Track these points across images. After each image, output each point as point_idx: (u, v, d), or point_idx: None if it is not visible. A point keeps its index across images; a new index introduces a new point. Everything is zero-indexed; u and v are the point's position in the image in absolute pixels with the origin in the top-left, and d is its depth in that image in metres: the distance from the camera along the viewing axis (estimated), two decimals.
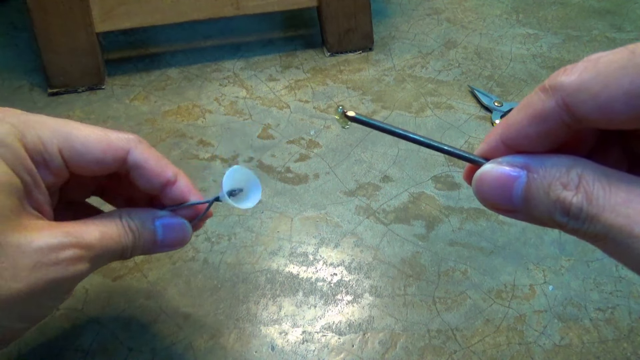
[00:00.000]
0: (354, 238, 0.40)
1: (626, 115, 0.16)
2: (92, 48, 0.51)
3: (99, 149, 0.25)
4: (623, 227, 0.16)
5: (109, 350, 0.33)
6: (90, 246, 0.24)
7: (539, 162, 0.18)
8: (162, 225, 0.28)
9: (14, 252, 0.22)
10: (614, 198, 0.17)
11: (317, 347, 0.33)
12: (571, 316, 0.35)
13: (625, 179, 0.17)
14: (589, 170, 0.17)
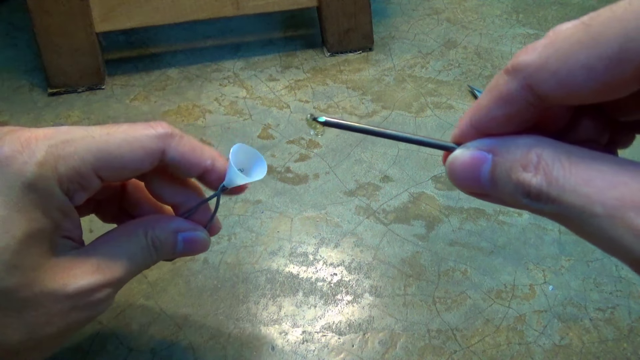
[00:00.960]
0: (354, 238, 0.40)
1: (587, 89, 0.16)
2: (92, 48, 0.51)
3: (136, 159, 0.25)
4: (584, 206, 0.16)
5: (109, 350, 0.33)
6: (120, 280, 0.25)
7: (504, 144, 0.18)
8: (184, 239, 0.28)
9: (47, 301, 0.23)
10: (574, 178, 0.16)
11: (317, 347, 0.33)
12: (571, 316, 0.35)
13: (587, 157, 0.16)
14: (549, 150, 0.17)
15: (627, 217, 0.15)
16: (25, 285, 0.22)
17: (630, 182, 0.15)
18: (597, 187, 0.16)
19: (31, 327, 0.23)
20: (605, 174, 0.16)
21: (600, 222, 0.15)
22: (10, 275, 0.22)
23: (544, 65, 0.16)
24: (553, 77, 0.16)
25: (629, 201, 0.15)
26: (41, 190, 0.22)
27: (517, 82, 0.17)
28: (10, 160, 0.22)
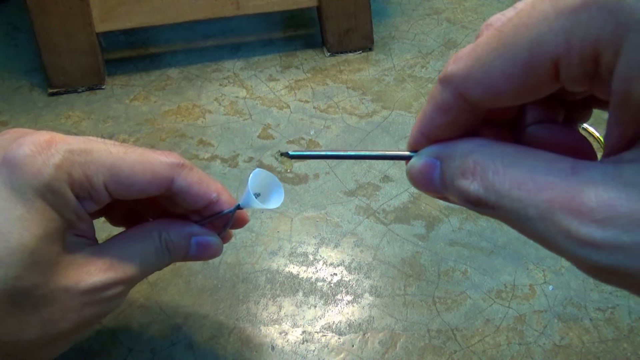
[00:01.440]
0: (354, 238, 0.40)
1: (512, 94, 0.16)
2: (92, 48, 0.52)
3: (145, 181, 0.25)
4: (519, 210, 0.16)
5: (109, 351, 0.33)
6: (132, 279, 0.26)
7: (446, 150, 0.19)
8: (197, 243, 0.28)
9: (62, 297, 0.23)
10: (508, 182, 0.16)
11: (317, 347, 0.33)
12: (571, 316, 0.35)
13: (521, 158, 0.16)
14: (485, 154, 0.17)
15: (557, 219, 0.15)
16: (42, 283, 0.23)
17: (559, 183, 0.15)
18: (528, 189, 0.16)
19: (47, 323, 0.23)
20: (536, 175, 0.16)
21: (535, 225, 0.16)
22: (29, 274, 0.22)
23: (469, 75, 0.17)
24: (478, 85, 0.17)
25: (557, 203, 0.15)
26: (56, 191, 0.23)
27: (450, 92, 0.17)
28: (30, 160, 0.22)
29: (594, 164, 0.15)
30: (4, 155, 0.23)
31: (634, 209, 0.13)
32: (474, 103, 0.17)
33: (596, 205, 0.14)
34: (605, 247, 0.14)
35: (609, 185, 0.14)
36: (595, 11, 0.13)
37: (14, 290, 0.22)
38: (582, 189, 0.14)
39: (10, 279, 0.22)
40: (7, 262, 0.21)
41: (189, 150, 0.47)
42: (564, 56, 0.14)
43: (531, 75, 0.15)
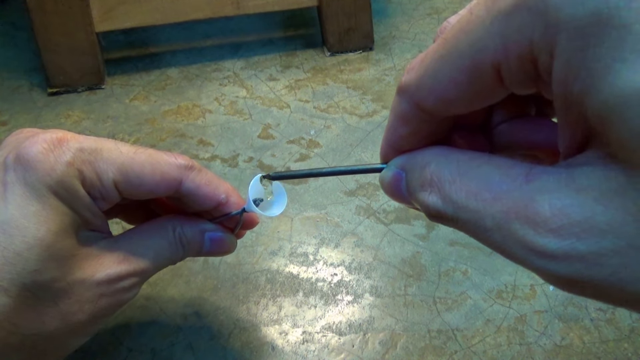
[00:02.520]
0: (354, 238, 0.40)
1: (464, 101, 0.16)
2: (91, 48, 0.51)
3: (153, 182, 0.26)
4: (476, 222, 0.15)
5: (109, 351, 0.33)
6: (146, 271, 0.26)
7: (409, 161, 0.18)
8: (210, 239, 0.29)
9: (78, 289, 0.24)
10: (464, 192, 0.16)
11: (317, 347, 0.33)
12: (572, 316, 0.35)
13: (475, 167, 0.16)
14: (441, 165, 0.17)
15: (513, 229, 0.14)
16: (59, 276, 0.23)
17: (513, 192, 0.15)
18: (484, 200, 0.15)
19: (65, 315, 0.24)
20: (491, 184, 0.15)
21: (494, 236, 0.15)
22: (46, 267, 0.23)
23: (420, 84, 0.16)
24: (430, 94, 0.16)
25: (512, 213, 0.14)
26: (68, 188, 0.23)
27: (406, 102, 0.17)
28: (42, 157, 0.23)
29: (548, 170, 0.14)
30: (18, 153, 0.23)
31: (587, 217, 0.13)
32: (430, 112, 0.17)
33: (550, 214, 0.13)
34: (562, 257, 0.13)
35: (562, 192, 0.13)
36: (526, 14, 0.13)
37: (33, 284, 0.22)
38: (536, 198, 0.14)
39: (29, 273, 0.22)
40: (26, 256, 0.22)
41: (189, 150, 0.47)
42: (503, 61, 0.14)
43: (476, 81, 0.15)
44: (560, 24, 0.12)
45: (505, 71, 0.14)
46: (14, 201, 0.22)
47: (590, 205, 0.13)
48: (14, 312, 0.22)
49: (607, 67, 0.12)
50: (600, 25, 0.12)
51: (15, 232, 0.22)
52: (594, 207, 0.13)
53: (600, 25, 0.12)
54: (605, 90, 0.12)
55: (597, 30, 0.12)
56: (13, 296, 0.22)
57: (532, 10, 0.13)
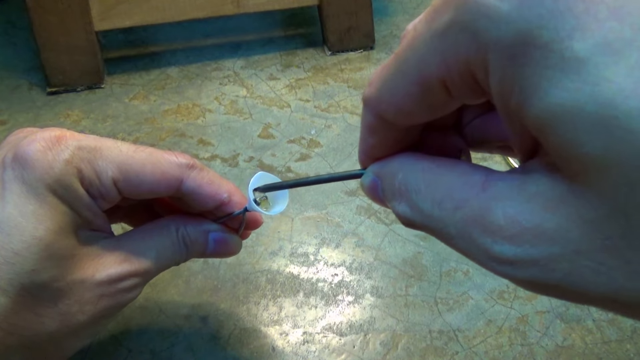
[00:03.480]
0: (355, 238, 0.40)
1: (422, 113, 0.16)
2: (91, 47, 0.51)
3: (153, 181, 0.25)
4: (442, 230, 0.16)
5: (109, 352, 0.33)
6: (148, 271, 0.26)
7: (382, 169, 0.19)
8: (214, 239, 0.28)
9: (78, 289, 0.24)
10: (429, 201, 0.16)
11: (317, 348, 0.33)
12: (574, 317, 0.35)
13: (439, 175, 0.16)
14: (408, 174, 0.17)
15: (474, 237, 0.15)
16: (58, 276, 0.23)
17: (472, 200, 0.15)
18: (447, 208, 0.15)
19: (64, 315, 0.23)
20: (453, 193, 0.15)
21: (459, 244, 0.15)
22: (45, 267, 0.22)
23: (380, 97, 0.17)
24: (390, 107, 0.16)
25: (472, 221, 0.15)
26: (67, 186, 0.23)
27: (370, 113, 0.17)
28: (40, 155, 0.23)
29: (504, 176, 0.15)
30: (16, 151, 0.23)
31: (537, 224, 0.13)
32: (393, 123, 0.17)
33: (504, 222, 0.14)
34: (519, 263, 0.14)
35: (515, 200, 0.14)
36: (460, 34, 0.13)
37: (32, 284, 0.22)
38: (491, 206, 0.14)
39: (27, 272, 0.22)
40: (24, 255, 0.22)
41: (189, 150, 0.47)
42: (447, 77, 0.14)
43: (428, 94, 0.15)
44: (490, 45, 0.13)
45: (451, 86, 0.15)
46: (12, 200, 0.22)
47: (539, 213, 0.13)
48: (12, 313, 0.22)
49: (535, 85, 0.12)
50: (526, 45, 0.12)
51: (14, 231, 0.22)
52: (542, 215, 0.13)
53: (526, 45, 0.12)
54: (537, 107, 0.12)
55: (523, 50, 0.12)
56: (11, 296, 0.22)
57: (464, 31, 0.13)
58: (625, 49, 0.11)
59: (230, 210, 0.28)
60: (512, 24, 0.12)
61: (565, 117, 0.12)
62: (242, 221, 0.29)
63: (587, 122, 0.11)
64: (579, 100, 0.11)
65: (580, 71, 0.11)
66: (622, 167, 0.11)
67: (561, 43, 0.12)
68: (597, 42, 0.11)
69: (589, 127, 0.11)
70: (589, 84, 0.11)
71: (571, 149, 0.12)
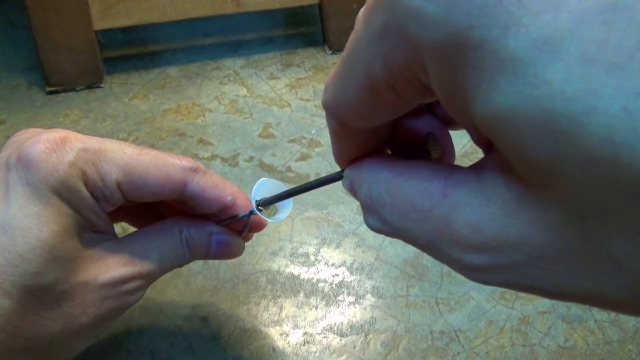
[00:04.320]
0: (356, 238, 0.39)
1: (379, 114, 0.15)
2: (90, 46, 0.51)
3: (157, 184, 0.25)
4: (413, 241, 0.15)
5: (108, 352, 0.32)
6: (151, 273, 0.26)
7: (352, 177, 0.18)
8: (217, 241, 0.28)
9: (82, 291, 0.23)
10: (396, 214, 0.15)
11: (318, 348, 0.33)
12: (575, 317, 0.35)
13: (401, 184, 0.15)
14: (373, 186, 0.16)
15: (442, 248, 0.14)
16: (62, 278, 0.23)
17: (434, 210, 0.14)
18: (413, 220, 0.15)
19: (68, 318, 0.23)
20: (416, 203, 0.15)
21: (431, 253, 0.15)
22: (49, 269, 0.22)
23: (336, 102, 0.16)
24: (348, 112, 0.16)
25: (438, 232, 0.14)
26: (71, 188, 0.23)
27: (331, 119, 0.17)
28: (45, 156, 0.22)
29: (461, 179, 0.14)
30: (20, 152, 0.23)
31: (499, 230, 0.13)
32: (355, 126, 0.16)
33: (467, 232, 0.13)
34: (490, 270, 0.13)
35: (474, 205, 0.13)
36: (394, 37, 0.12)
37: (35, 286, 0.22)
38: (453, 216, 0.14)
39: (31, 274, 0.22)
40: (28, 258, 0.22)
41: (189, 150, 0.46)
42: (392, 80, 0.14)
43: (379, 98, 0.14)
44: (423, 48, 0.12)
45: (398, 89, 0.14)
46: (16, 201, 0.22)
47: (500, 218, 0.13)
48: (15, 315, 0.22)
49: (474, 88, 0.11)
50: (458, 47, 0.11)
51: (17, 233, 0.22)
52: (504, 220, 0.13)
53: (458, 46, 0.11)
54: (479, 111, 0.11)
55: (457, 52, 0.11)
56: (15, 298, 0.22)
57: (398, 34, 0.12)
58: (563, 44, 0.10)
59: (234, 213, 0.28)
60: (440, 24, 0.11)
61: (508, 122, 0.11)
62: (247, 224, 0.29)
63: (530, 127, 0.10)
64: (519, 104, 0.10)
65: (517, 72, 0.10)
66: (572, 173, 0.10)
67: (495, 42, 0.11)
68: (533, 38, 0.10)
69: (533, 132, 0.10)
70: (527, 86, 0.10)
71: (518, 155, 0.11)
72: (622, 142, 0.09)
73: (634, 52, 0.09)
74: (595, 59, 0.10)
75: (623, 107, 0.09)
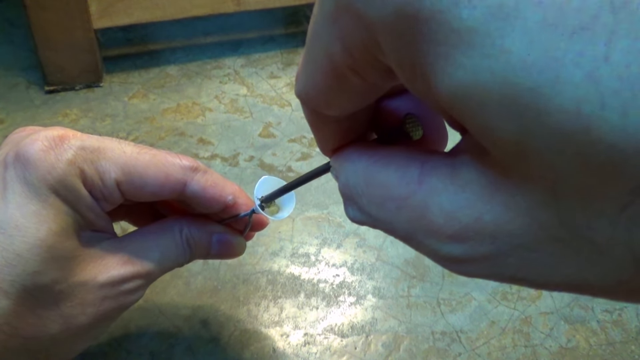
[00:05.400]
0: (357, 238, 0.39)
1: (352, 102, 0.15)
2: (89, 45, 0.51)
3: (157, 184, 0.25)
4: (392, 232, 0.14)
5: (108, 353, 0.32)
6: (151, 273, 0.25)
7: (334, 166, 0.18)
8: (218, 241, 0.28)
9: (80, 291, 0.23)
10: (374, 204, 0.14)
11: (319, 349, 0.33)
12: (578, 318, 0.34)
13: (377, 172, 0.15)
14: (350, 177, 0.15)
15: (420, 239, 0.13)
16: (60, 278, 0.22)
17: (411, 199, 0.13)
18: (390, 210, 0.14)
19: (66, 318, 0.23)
20: (392, 192, 0.14)
21: (411, 245, 0.14)
22: (47, 269, 0.22)
23: (307, 93, 0.15)
24: (320, 102, 0.15)
25: (414, 222, 0.13)
26: (69, 187, 0.23)
27: (307, 110, 0.16)
28: (43, 155, 0.22)
29: (437, 164, 0.13)
30: (17, 150, 0.22)
31: (476, 218, 0.12)
32: (331, 115, 0.16)
33: (443, 221, 0.12)
34: (469, 261, 0.13)
35: (449, 192, 0.12)
36: (347, 18, 0.12)
37: (34, 286, 0.22)
38: (428, 204, 0.13)
39: (29, 274, 0.21)
40: (26, 257, 0.21)
41: (189, 149, 0.46)
42: (352, 62, 0.13)
43: (345, 84, 0.13)
44: (375, 26, 0.11)
45: (362, 72, 0.13)
46: (14, 200, 0.22)
47: (476, 205, 0.12)
48: (13, 315, 0.22)
49: (432, 64, 0.10)
50: (411, 21, 0.10)
51: (15, 233, 0.21)
52: (479, 207, 0.12)
53: (409, 20, 0.10)
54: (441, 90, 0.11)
55: (409, 27, 0.10)
56: (13, 298, 0.21)
57: (349, 14, 0.12)
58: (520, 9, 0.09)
59: (235, 213, 0.28)
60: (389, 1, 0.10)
61: (470, 99, 0.10)
62: (248, 223, 0.28)
63: (493, 103, 0.10)
64: (479, 79, 0.10)
65: (474, 44, 0.09)
66: (541, 151, 0.10)
67: (447, 12, 0.10)
68: (487, 4, 0.09)
69: (497, 110, 0.10)
70: (486, 58, 0.09)
71: (485, 135, 0.10)
72: (591, 114, 0.09)
73: (597, 13, 0.09)
74: (556, 22, 0.09)
75: (588, 75, 0.09)
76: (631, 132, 0.09)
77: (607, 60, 0.09)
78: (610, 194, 0.10)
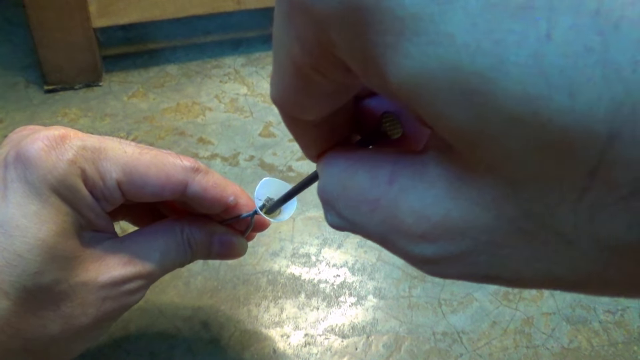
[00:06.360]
0: (358, 238, 0.39)
1: (325, 105, 0.14)
2: (89, 44, 0.51)
3: (158, 184, 0.25)
4: (368, 236, 0.14)
5: (107, 354, 0.32)
6: (152, 273, 0.25)
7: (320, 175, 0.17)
8: (219, 241, 0.28)
9: (81, 292, 0.23)
10: (349, 208, 0.14)
11: (319, 350, 0.33)
12: (580, 319, 0.34)
13: (353, 174, 0.14)
14: (327, 182, 0.15)
15: (393, 241, 0.13)
16: (61, 278, 0.22)
17: (382, 199, 0.13)
18: (364, 213, 0.13)
19: (67, 318, 0.23)
20: (365, 194, 0.13)
21: (387, 248, 0.14)
22: (48, 269, 0.22)
23: (282, 98, 0.15)
24: (295, 107, 0.14)
25: (387, 224, 0.13)
26: (70, 187, 0.22)
27: (284, 115, 0.16)
28: (44, 154, 0.22)
29: (408, 162, 0.13)
30: (18, 150, 0.22)
31: (444, 215, 0.11)
32: (309, 118, 0.15)
33: (412, 220, 0.12)
34: (441, 261, 0.12)
35: (419, 189, 0.12)
36: (300, 15, 0.11)
37: (34, 287, 0.22)
38: (399, 203, 0.12)
39: (30, 275, 0.21)
40: (27, 258, 0.21)
41: (189, 149, 0.46)
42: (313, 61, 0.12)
43: (311, 83, 0.13)
44: (323, 20, 0.11)
45: (325, 72, 0.12)
46: (15, 200, 0.21)
47: (444, 202, 0.11)
48: (14, 316, 0.21)
49: (381, 56, 0.10)
50: (356, 11, 0.10)
51: (16, 233, 0.21)
52: (447, 204, 0.11)
53: (356, 10, 0.10)
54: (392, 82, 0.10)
55: (356, 17, 0.10)
56: (13, 299, 0.21)
57: (301, 11, 0.11)
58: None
59: (236, 214, 0.27)
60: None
61: (422, 89, 0.10)
62: (250, 224, 0.28)
63: (443, 92, 0.09)
64: (427, 67, 0.09)
65: (418, 31, 0.09)
66: (494, 138, 0.09)
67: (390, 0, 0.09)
68: None
69: (448, 98, 0.09)
70: (431, 45, 0.09)
71: (441, 125, 0.10)
72: (538, 95, 0.08)
73: None
74: (498, 2, 0.08)
75: (532, 54, 0.08)
76: (580, 112, 0.08)
77: (549, 38, 0.08)
78: (568, 179, 0.09)
